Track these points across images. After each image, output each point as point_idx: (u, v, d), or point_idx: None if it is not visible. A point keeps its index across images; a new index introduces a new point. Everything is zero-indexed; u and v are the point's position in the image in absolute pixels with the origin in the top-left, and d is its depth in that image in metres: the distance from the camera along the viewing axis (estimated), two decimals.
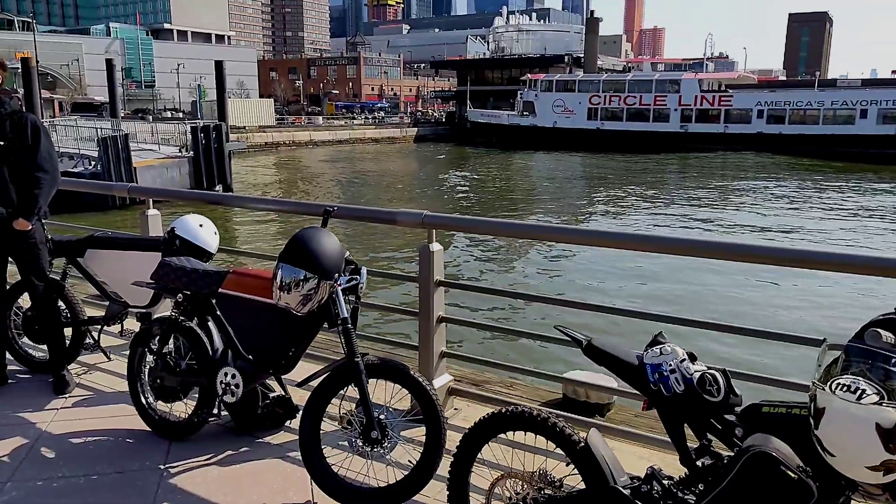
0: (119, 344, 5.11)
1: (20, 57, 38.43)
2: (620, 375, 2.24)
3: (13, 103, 4.10)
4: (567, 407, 4.39)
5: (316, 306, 3.03)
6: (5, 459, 3.52)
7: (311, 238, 2.98)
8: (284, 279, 2.96)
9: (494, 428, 2.54)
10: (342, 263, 3.05)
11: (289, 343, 3.31)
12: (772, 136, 57.39)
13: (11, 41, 79.95)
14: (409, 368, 3.13)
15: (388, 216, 3.79)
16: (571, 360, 6.38)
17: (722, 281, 14.98)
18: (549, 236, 3.70)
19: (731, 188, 36.44)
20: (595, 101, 66.95)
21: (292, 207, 4.24)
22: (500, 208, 29.89)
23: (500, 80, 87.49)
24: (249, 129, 64.14)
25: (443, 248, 3.82)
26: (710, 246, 3.14)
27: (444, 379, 3.98)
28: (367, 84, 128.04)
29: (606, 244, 3.48)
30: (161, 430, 3.76)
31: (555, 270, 16.96)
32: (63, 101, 69.30)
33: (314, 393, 3.18)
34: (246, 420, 3.72)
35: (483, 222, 3.90)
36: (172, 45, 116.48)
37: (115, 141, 25.84)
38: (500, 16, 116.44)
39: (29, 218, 4.04)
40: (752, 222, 25.23)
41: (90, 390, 4.42)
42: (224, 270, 3.52)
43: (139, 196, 5.06)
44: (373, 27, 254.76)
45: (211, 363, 3.47)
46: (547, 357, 7.64)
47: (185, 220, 4.07)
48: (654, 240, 3.29)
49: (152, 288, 3.76)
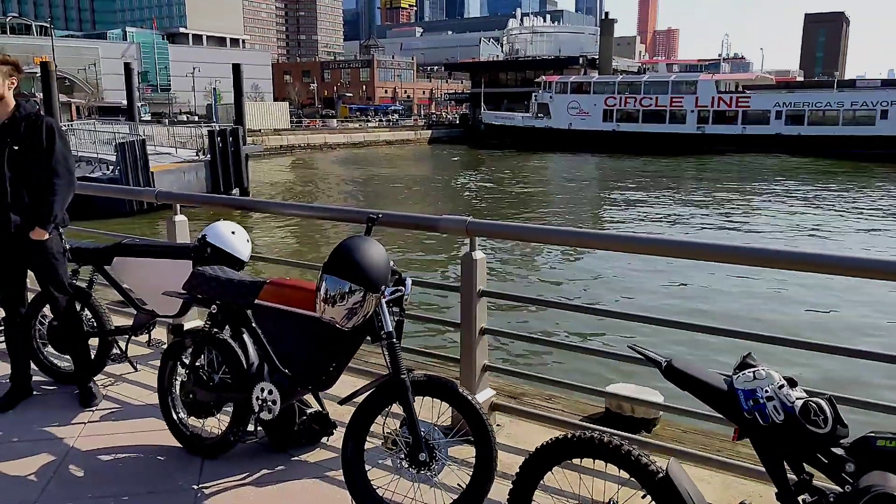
0: (145, 353, 4.98)
1: (39, 61, 38.73)
2: (706, 400, 2.04)
3: (29, 106, 3.95)
4: (610, 422, 4.20)
5: (361, 320, 2.85)
6: (32, 478, 3.38)
7: (356, 248, 2.81)
8: (329, 291, 2.79)
9: (560, 454, 2.36)
10: (389, 274, 2.87)
11: (329, 358, 3.14)
12: (790, 138, 56.78)
13: (29, 46, 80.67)
14: (457, 385, 2.96)
15: (430, 223, 3.61)
16: (613, 373, 6.20)
17: (809, 295, 13.78)
18: (600, 244, 3.49)
19: (760, 191, 35.55)
20: (610, 102, 66.57)
21: (334, 214, 4.05)
22: (523, 212, 29.44)
23: (514, 82, 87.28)
24: (265, 132, 64.33)
25: (485, 257, 3.64)
26: (794, 257, 2.89)
27: (487, 394, 3.80)
28: (381, 87, 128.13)
29: (666, 253, 3.28)
30: (193, 447, 3.60)
31: (604, 280, 15.99)
32: (80, 105, 69.92)
33: (358, 411, 3.01)
34: (281, 437, 3.55)
35: (529, 229, 3.73)
36: (188, 48, 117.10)
37: (132, 146, 25.86)
38: (514, 18, 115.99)
39: (45, 226, 3.87)
40: (798, 229, 24.36)
41: (117, 403, 4.27)
42: (261, 280, 3.36)
43: (167, 201, 4.90)
44: (386, 30, 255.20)
45: (246, 378, 3.31)
46: (588, 369, 7.43)
47: (216, 228, 3.92)
48: (719, 249, 3.08)
49: (184, 299, 3.60)
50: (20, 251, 3.94)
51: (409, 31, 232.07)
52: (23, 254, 3.96)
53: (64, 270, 4.12)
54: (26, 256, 3.98)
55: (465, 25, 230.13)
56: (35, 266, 4.02)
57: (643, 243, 3.43)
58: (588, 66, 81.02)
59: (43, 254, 3.96)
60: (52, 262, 4.01)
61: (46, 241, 3.94)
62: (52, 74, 30.22)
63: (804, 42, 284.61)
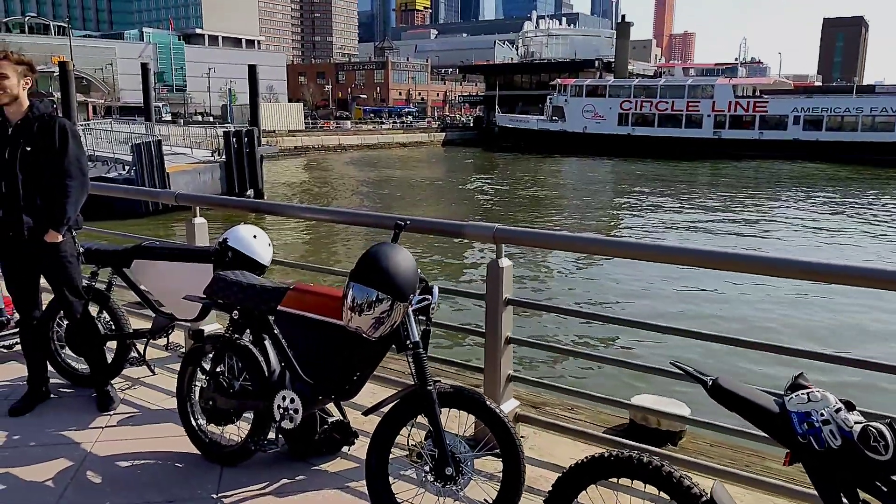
0: (163, 357, 4.93)
1: (57, 61, 39.03)
2: (756, 423, 1.94)
3: (43, 106, 3.90)
4: (635, 434, 4.10)
5: (388, 330, 2.77)
6: (49, 484, 3.33)
7: (384, 255, 2.73)
8: (356, 299, 2.71)
9: (597, 472, 2.26)
10: (417, 282, 2.79)
11: (353, 367, 3.06)
12: (808, 143, 56.30)
13: (47, 45, 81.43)
14: (485, 398, 2.87)
15: (456, 229, 3.53)
16: (637, 383, 6.09)
17: (854, 308, 13.22)
18: (631, 253, 3.39)
19: (779, 198, 34.98)
20: (626, 106, 66.29)
21: (360, 219, 3.97)
22: (538, 218, 29.19)
23: (528, 84, 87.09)
24: (279, 133, 64.59)
25: (513, 265, 3.55)
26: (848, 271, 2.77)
27: (511, 404, 3.71)
28: (395, 89, 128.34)
29: (697, 263, 3.17)
30: (211, 454, 3.53)
31: (632, 289, 15.45)
32: (97, 105, 70.50)
33: (382, 423, 2.93)
34: (302, 446, 3.48)
35: (558, 237, 3.62)
36: (203, 49, 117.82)
37: (148, 146, 25.97)
38: (529, 20, 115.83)
39: (58, 229, 3.81)
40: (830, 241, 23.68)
41: (135, 407, 4.22)
42: (284, 286, 3.29)
43: (186, 203, 4.85)
44: (400, 32, 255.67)
45: (268, 385, 3.24)
46: (610, 378, 7.32)
47: (237, 231, 3.85)
48: (755, 260, 2.98)
49: (205, 304, 3.54)
50: (33, 254, 3.89)
51: (424, 33, 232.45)
52: (36, 257, 3.90)
53: (78, 273, 4.06)
54: (39, 259, 3.92)
55: (480, 28, 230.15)
56: (48, 269, 3.96)
57: (674, 253, 3.33)
58: (603, 70, 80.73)
59: (56, 257, 3.91)
60: (66, 265, 3.96)
61: (60, 243, 3.88)
62: (70, 74, 30.42)
63: (822, 46, 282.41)
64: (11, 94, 3.77)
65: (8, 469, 3.44)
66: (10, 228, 3.83)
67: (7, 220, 3.82)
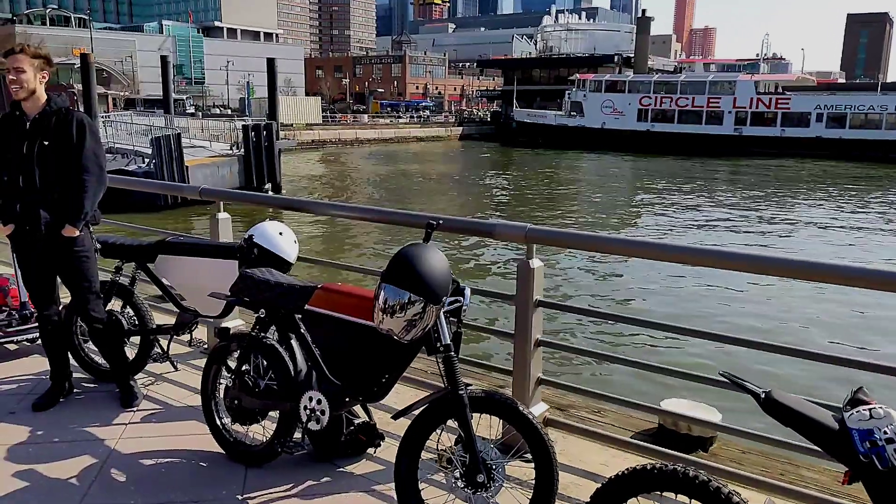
0: (185, 352, 4.90)
1: (78, 53, 39.35)
2: (812, 439, 1.85)
3: (60, 100, 3.87)
4: (664, 439, 4.01)
5: (421, 333, 2.70)
6: (73, 481, 3.30)
7: (417, 256, 2.66)
8: (388, 301, 2.64)
9: (640, 485, 2.18)
10: (450, 284, 2.72)
11: (382, 369, 3.00)
12: (831, 141, 55.49)
13: (68, 37, 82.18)
14: (517, 404, 2.80)
15: (487, 228, 3.45)
16: (665, 386, 5.96)
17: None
18: (669, 256, 3.29)
19: (807, 198, 34.21)
20: (645, 102, 65.68)
21: (391, 217, 3.89)
22: (558, 215, 28.82)
23: (546, 79, 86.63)
24: (297, 126, 64.74)
25: (543, 265, 3.47)
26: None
27: (540, 408, 3.64)
28: (412, 83, 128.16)
29: (735, 267, 3.07)
30: (236, 453, 3.49)
31: (667, 291, 14.96)
32: (117, 97, 71.06)
33: (412, 427, 2.86)
34: (327, 447, 3.42)
35: (592, 238, 3.52)
36: (222, 42, 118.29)
37: (167, 140, 26.08)
38: (549, 15, 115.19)
39: (75, 224, 3.78)
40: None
41: (158, 403, 4.19)
42: (311, 285, 3.23)
43: (210, 198, 4.81)
44: (418, 26, 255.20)
45: (294, 386, 3.19)
46: (636, 381, 7.20)
47: (263, 228, 3.80)
48: (810, 266, 2.86)
49: (231, 301, 3.48)
50: (50, 249, 3.86)
51: (442, 27, 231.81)
52: (52, 252, 3.87)
53: (94, 269, 4.01)
54: (56, 255, 3.88)
55: (498, 22, 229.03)
56: (64, 265, 3.91)
57: (713, 256, 3.23)
58: (623, 65, 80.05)
59: (72, 252, 3.87)
60: (82, 261, 3.91)
61: (76, 238, 3.84)
62: (92, 66, 30.61)
63: (846, 43, 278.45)
64: (28, 89, 3.74)
65: (32, 466, 3.42)
66: (26, 223, 3.81)
67: (24, 214, 3.80)
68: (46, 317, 4.05)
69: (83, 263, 3.92)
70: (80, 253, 3.89)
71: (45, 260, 3.90)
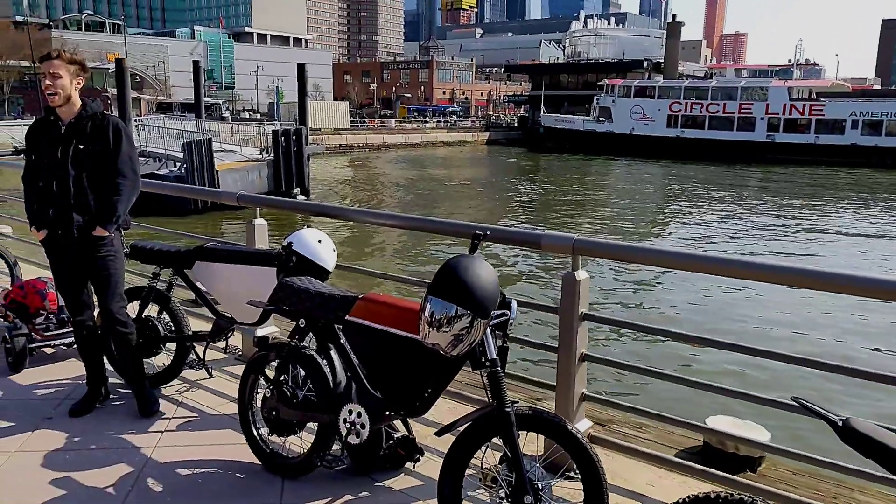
0: (219, 358, 4.87)
1: (113, 58, 40.03)
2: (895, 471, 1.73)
3: (95, 105, 3.87)
4: (709, 457, 3.87)
5: (468, 348, 2.61)
6: (110, 490, 3.26)
7: (464, 268, 2.57)
8: (435, 314, 2.55)
9: None
10: (497, 298, 2.63)
11: (425, 383, 2.91)
12: (867, 149, 54.37)
13: (103, 42, 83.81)
14: (566, 423, 2.70)
15: (533, 239, 3.35)
16: (710, 401, 5.82)
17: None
18: (725, 270, 3.16)
19: (848, 208, 33.27)
20: (675, 107, 64.97)
21: (436, 227, 3.81)
22: (594, 223, 28.34)
23: (574, 84, 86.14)
24: (325, 130, 65.19)
25: (589, 277, 3.36)
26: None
27: (585, 425, 3.53)
28: (439, 88, 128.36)
29: (796, 283, 2.93)
30: (272, 465, 3.43)
31: (721, 307, 14.49)
32: (149, 101, 72.24)
33: (456, 444, 2.78)
34: (365, 461, 3.35)
35: (643, 251, 3.41)
36: (252, 47, 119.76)
37: (199, 145, 26.38)
38: (577, 20, 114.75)
39: (106, 226, 3.77)
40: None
41: (193, 411, 4.15)
42: (353, 295, 3.16)
43: (247, 204, 4.78)
44: (446, 31, 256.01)
45: (333, 398, 3.12)
46: (681, 396, 7.03)
47: (302, 236, 3.74)
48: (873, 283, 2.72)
49: (271, 310, 3.43)
50: (81, 253, 3.84)
51: (469, 32, 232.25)
52: (83, 256, 3.85)
53: (120, 273, 3.98)
54: (86, 257, 3.86)
55: (526, 27, 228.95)
56: (92, 266, 3.87)
57: (770, 271, 3.09)
58: (652, 70, 79.34)
59: (101, 253, 3.85)
60: (110, 263, 3.88)
61: (107, 240, 3.84)
62: (126, 71, 31.09)
63: (881, 49, 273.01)
64: (65, 95, 3.75)
65: (69, 473, 3.40)
66: (59, 227, 3.80)
67: (57, 219, 3.79)
68: (81, 322, 4.03)
69: (110, 265, 3.89)
70: (107, 255, 3.87)
71: (79, 265, 3.89)
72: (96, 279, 3.90)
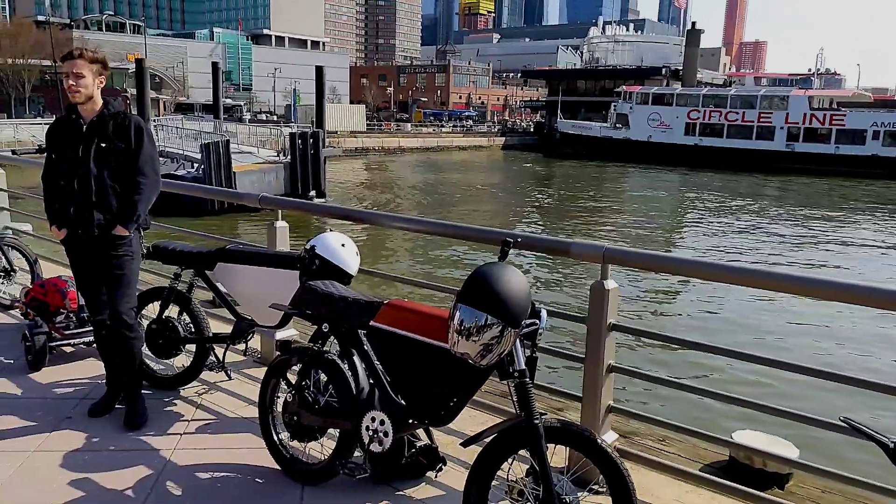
0: (239, 361, 4.83)
1: (133, 58, 40.40)
2: None
3: (117, 104, 3.86)
4: (735, 472, 3.79)
5: (497, 358, 2.55)
6: (129, 493, 3.23)
7: (495, 276, 2.51)
8: (464, 323, 2.49)
9: None
10: (529, 307, 2.56)
11: (451, 392, 2.85)
12: (888, 160, 53.69)
13: (123, 43, 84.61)
14: (596, 437, 2.63)
15: (563, 247, 3.29)
16: (736, 414, 5.70)
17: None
18: (759, 282, 3.08)
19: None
20: (694, 115, 64.52)
21: (464, 233, 3.74)
22: (618, 231, 27.95)
23: (592, 90, 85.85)
24: (341, 133, 65.41)
25: (618, 287, 3.29)
26: None
27: (611, 437, 3.46)
28: (455, 92, 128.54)
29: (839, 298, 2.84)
30: (292, 471, 3.39)
31: (751, 319, 14.05)
32: (166, 102, 72.81)
33: (482, 456, 2.72)
34: (386, 468, 3.29)
35: (676, 261, 3.33)
36: (270, 49, 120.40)
37: (216, 146, 26.53)
38: (595, 26, 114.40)
39: (126, 225, 3.76)
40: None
41: (212, 414, 4.12)
42: (378, 301, 3.11)
43: (269, 206, 4.75)
44: (463, 36, 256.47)
45: (356, 404, 3.07)
46: (706, 409, 6.92)
47: (325, 239, 3.70)
48: None
49: (294, 314, 3.39)
50: (100, 253, 3.82)
51: (487, 37, 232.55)
52: (102, 254, 3.83)
53: (135, 274, 3.94)
54: (104, 256, 3.83)
55: (543, 33, 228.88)
56: (108, 264, 3.83)
57: (809, 285, 3.00)
58: (671, 77, 78.93)
59: (117, 252, 3.82)
60: (125, 262, 3.85)
61: (125, 240, 3.82)
62: (146, 71, 31.38)
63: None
64: (87, 94, 3.74)
65: (88, 474, 3.37)
66: (80, 226, 3.79)
67: (77, 218, 3.78)
68: (101, 321, 4.00)
69: (126, 266, 3.86)
70: (124, 255, 3.85)
71: (99, 264, 3.87)
72: (110, 278, 3.86)
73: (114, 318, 3.88)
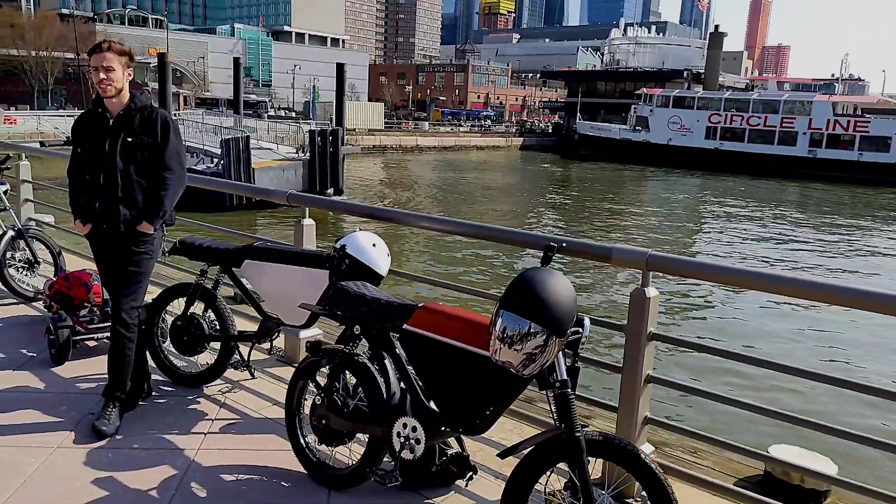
0: (263, 359, 4.77)
1: (155, 53, 40.65)
2: None
3: (143, 97, 3.79)
4: (771, 488, 3.66)
5: (539, 369, 2.45)
6: (153, 494, 3.17)
7: (540, 282, 2.40)
8: (507, 330, 2.39)
9: None
10: (574, 314, 2.46)
11: (487, 400, 2.75)
12: None
13: (145, 37, 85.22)
14: (640, 451, 2.53)
15: (604, 252, 3.18)
16: (771, 433, 5.55)
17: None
18: (807, 293, 2.96)
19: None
20: (715, 119, 63.93)
21: (505, 236, 3.64)
22: (639, 235, 27.61)
23: (612, 92, 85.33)
24: (359, 131, 65.48)
25: (659, 295, 3.18)
26: None
27: (647, 450, 3.34)
28: (474, 91, 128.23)
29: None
30: (318, 475, 3.31)
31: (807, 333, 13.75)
32: (187, 96, 73.29)
33: (520, 467, 2.62)
34: (415, 475, 3.20)
35: (721, 269, 3.21)
36: (290, 46, 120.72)
37: (236, 142, 26.60)
38: (617, 27, 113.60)
39: (153, 221, 3.70)
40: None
41: (237, 413, 4.05)
42: (412, 304, 3.02)
43: (297, 204, 4.68)
44: (483, 35, 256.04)
45: (387, 409, 2.99)
46: (740, 421, 6.77)
47: (356, 239, 3.61)
48: None
49: (324, 315, 3.31)
50: (124, 248, 3.75)
51: (506, 37, 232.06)
52: (124, 248, 3.76)
53: (148, 276, 3.86)
54: (125, 250, 3.76)
55: (563, 34, 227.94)
56: (127, 258, 3.75)
57: (857, 297, 2.87)
58: (692, 81, 78.25)
59: (138, 248, 3.75)
60: (143, 260, 3.77)
61: (149, 237, 3.75)
62: (168, 66, 31.54)
63: None
64: (117, 88, 3.68)
65: (111, 473, 3.32)
66: (104, 221, 3.73)
67: (103, 213, 3.72)
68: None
69: (142, 263, 3.79)
70: (144, 252, 3.78)
71: (121, 261, 3.80)
72: (123, 273, 3.78)
73: (114, 313, 3.80)
